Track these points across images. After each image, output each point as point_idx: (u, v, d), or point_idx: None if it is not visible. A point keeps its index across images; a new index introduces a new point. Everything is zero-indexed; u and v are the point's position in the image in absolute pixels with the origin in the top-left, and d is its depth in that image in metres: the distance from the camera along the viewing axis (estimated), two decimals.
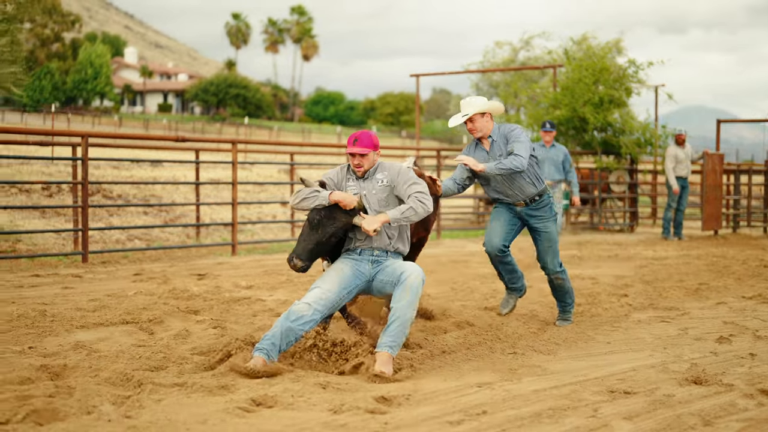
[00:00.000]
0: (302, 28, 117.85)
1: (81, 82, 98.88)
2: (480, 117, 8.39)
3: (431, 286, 11.39)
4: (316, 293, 6.84)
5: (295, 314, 6.66)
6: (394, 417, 5.32)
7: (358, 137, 7.13)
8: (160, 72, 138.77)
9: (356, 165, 7.16)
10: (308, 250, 6.93)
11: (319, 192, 6.96)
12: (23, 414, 5.11)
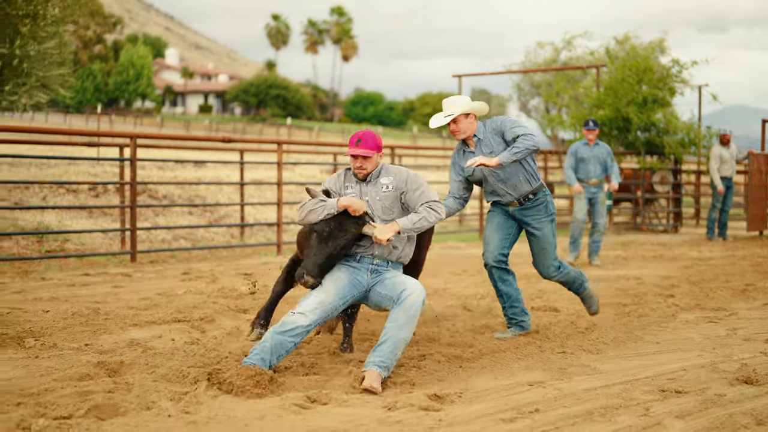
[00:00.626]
0: (341, 28, 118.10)
1: (123, 84, 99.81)
2: (464, 118, 7.93)
3: (478, 286, 11.43)
4: (312, 302, 6.44)
5: (288, 325, 6.28)
6: (447, 414, 5.39)
7: (361, 137, 6.76)
8: (201, 73, 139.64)
9: (358, 167, 6.77)
10: (319, 265, 6.49)
11: (325, 201, 6.57)
12: (85, 409, 5.24)
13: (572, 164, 14.41)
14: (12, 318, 8.47)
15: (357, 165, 6.76)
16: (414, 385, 6.16)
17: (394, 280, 6.66)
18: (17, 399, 5.57)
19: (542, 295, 10.79)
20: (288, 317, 6.34)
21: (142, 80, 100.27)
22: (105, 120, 68.07)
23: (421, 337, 8.00)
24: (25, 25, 17.22)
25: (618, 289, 11.40)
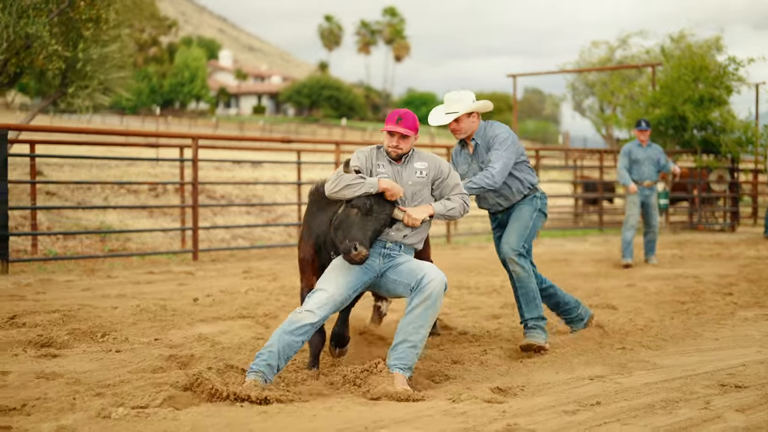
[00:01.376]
0: (394, 29, 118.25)
1: (177, 85, 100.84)
2: (466, 117, 7.47)
3: None
4: (320, 298, 6.11)
5: (295, 323, 6.01)
6: (510, 406, 5.52)
7: (402, 116, 6.37)
8: (254, 74, 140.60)
9: (394, 147, 6.41)
10: (369, 237, 6.09)
11: (364, 179, 6.19)
12: (161, 399, 5.45)
13: (626, 165, 14.27)
14: (83, 314, 8.75)
15: (393, 144, 6.41)
16: (476, 380, 6.29)
17: (409, 265, 6.31)
18: (96, 390, 5.80)
19: (599, 293, 10.87)
20: (295, 315, 6.06)
21: (196, 82, 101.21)
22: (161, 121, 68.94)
23: (483, 332, 8.13)
24: (88, 29, 17.58)
25: (676, 287, 11.43)
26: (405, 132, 6.32)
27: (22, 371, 6.29)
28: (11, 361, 6.61)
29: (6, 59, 16.97)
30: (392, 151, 6.42)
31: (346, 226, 6.09)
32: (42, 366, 6.48)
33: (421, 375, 6.32)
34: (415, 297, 6.12)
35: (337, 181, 6.19)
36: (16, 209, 13.52)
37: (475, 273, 12.87)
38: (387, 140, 6.43)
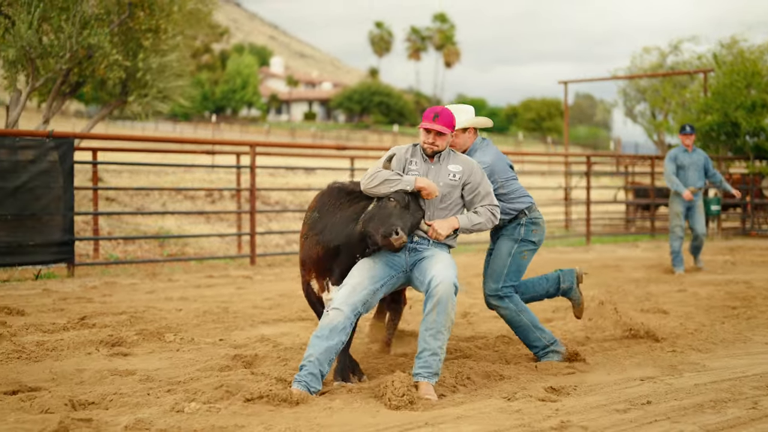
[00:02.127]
0: (444, 35, 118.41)
1: (229, 92, 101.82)
2: (461, 132, 7.17)
3: (588, 289, 11.67)
4: (344, 293, 6.17)
5: (327, 327, 6.03)
6: (564, 405, 5.74)
7: (439, 113, 6.38)
8: (305, 81, 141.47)
9: (430, 144, 6.41)
10: (407, 226, 6.09)
11: (401, 177, 6.24)
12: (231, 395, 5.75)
13: (674, 170, 14.02)
14: (149, 315, 9.10)
15: (429, 141, 6.42)
16: (530, 380, 6.51)
17: (427, 262, 6.30)
18: (167, 386, 6.11)
19: (650, 298, 11.00)
20: (325, 318, 6.10)
21: (248, 89, 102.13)
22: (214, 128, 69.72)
23: None
24: (148, 39, 18.03)
25: (727, 292, 11.52)
26: (441, 129, 6.34)
27: (97, 369, 6.62)
28: (86, 360, 6.95)
29: (69, 69, 17.46)
30: (428, 147, 6.44)
31: (383, 216, 6.08)
32: (115, 364, 6.81)
33: (477, 375, 6.54)
34: (427, 302, 6.13)
35: (374, 176, 6.26)
36: (80, 215, 13.95)
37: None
38: (423, 136, 6.46)
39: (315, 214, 6.62)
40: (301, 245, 6.69)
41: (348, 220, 6.41)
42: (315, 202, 6.74)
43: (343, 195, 6.60)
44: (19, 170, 11.98)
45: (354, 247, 6.38)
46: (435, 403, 5.78)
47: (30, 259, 12.11)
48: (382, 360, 7.23)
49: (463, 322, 9.14)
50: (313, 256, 6.53)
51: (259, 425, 5.11)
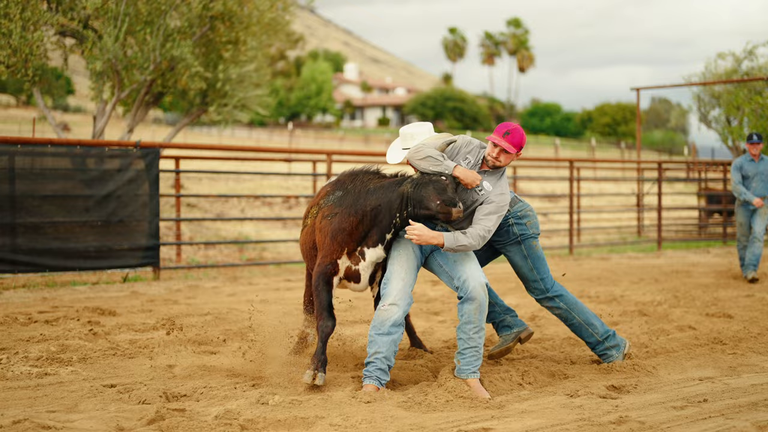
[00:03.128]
0: (518, 40, 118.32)
1: (304, 99, 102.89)
2: None
3: (654, 294, 11.92)
4: (398, 287, 6.49)
5: (387, 322, 6.40)
6: (624, 401, 6.08)
7: (511, 131, 6.59)
8: (379, 87, 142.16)
9: (494, 157, 6.62)
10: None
11: (443, 159, 6.47)
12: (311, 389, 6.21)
13: (740, 179, 13.87)
14: (232, 316, 9.63)
15: (494, 155, 6.61)
16: (592, 379, 6.85)
17: (455, 257, 6.56)
18: (251, 381, 6.59)
19: (717, 303, 11.19)
20: (382, 313, 6.42)
21: (322, 95, 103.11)
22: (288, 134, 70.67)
23: None
24: (228, 51, 18.68)
25: None
26: (508, 147, 6.55)
27: (186, 365, 7.12)
28: (175, 356, 7.45)
29: (152, 80, 18.16)
30: (491, 160, 6.64)
31: (440, 189, 6.32)
32: (203, 360, 7.30)
33: (542, 374, 6.90)
34: (466, 304, 6.40)
35: (422, 150, 6.49)
36: (164, 221, 14.58)
37: (596, 283, 13.32)
38: (490, 148, 6.67)
39: (337, 193, 6.79)
40: (322, 227, 6.75)
41: (385, 187, 6.60)
42: (331, 187, 6.95)
43: (366, 174, 6.83)
44: (107, 179, 12.61)
45: (394, 210, 6.52)
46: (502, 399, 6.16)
47: (118, 263, 12.74)
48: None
49: (531, 324, 9.47)
50: (347, 227, 6.62)
51: (338, 416, 5.54)
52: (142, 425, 5.32)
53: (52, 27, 17.99)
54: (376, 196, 6.58)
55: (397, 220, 6.54)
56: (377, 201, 6.56)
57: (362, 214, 6.59)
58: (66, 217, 12.39)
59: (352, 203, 6.64)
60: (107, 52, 17.45)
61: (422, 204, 6.37)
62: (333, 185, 6.98)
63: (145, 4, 17.61)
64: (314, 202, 7.08)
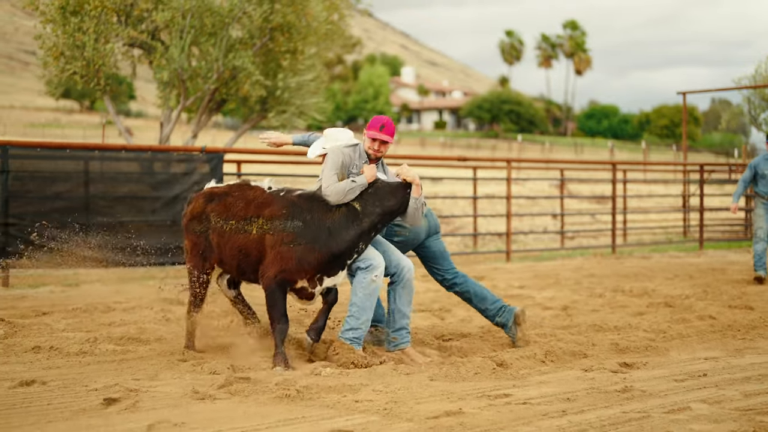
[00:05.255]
0: (575, 42, 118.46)
1: (361, 102, 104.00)
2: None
3: (685, 288, 12.66)
4: (382, 262, 7.62)
5: (377, 293, 7.59)
6: (632, 375, 6.93)
7: (385, 124, 7.64)
8: (436, 90, 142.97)
9: (375, 150, 7.67)
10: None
11: (355, 181, 7.41)
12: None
13: (747, 178, 14.05)
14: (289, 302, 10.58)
15: (375, 148, 7.68)
16: (608, 358, 7.70)
17: (383, 246, 7.89)
18: (306, 357, 7.56)
19: (742, 297, 11.86)
20: (372, 284, 7.50)
21: (379, 99, 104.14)
22: None
23: (625, 324, 9.43)
24: (286, 60, 19.74)
25: None
26: (386, 139, 7.65)
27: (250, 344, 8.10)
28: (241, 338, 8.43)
29: (215, 88, 19.27)
30: (373, 153, 7.70)
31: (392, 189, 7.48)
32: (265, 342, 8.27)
33: (564, 353, 7.76)
34: (399, 283, 7.90)
35: (338, 192, 7.34)
36: None
37: (632, 279, 14.07)
38: (369, 143, 7.70)
39: (296, 222, 7.36)
40: (282, 251, 7.33)
41: (343, 226, 7.39)
42: (285, 209, 7.44)
43: (312, 201, 7.49)
44: (174, 182, 13.62)
45: (352, 251, 7.43)
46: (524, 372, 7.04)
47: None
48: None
49: (563, 314, 10.32)
50: (313, 261, 7.32)
51: (380, 384, 6.47)
52: (214, 389, 6.27)
53: (122, 39, 19.18)
54: (340, 239, 7.35)
55: (361, 248, 7.48)
56: (343, 245, 7.37)
57: (328, 254, 7.35)
58: (135, 217, 13.39)
59: (315, 239, 7.34)
60: (173, 62, 18.60)
61: (394, 207, 7.47)
62: (283, 207, 7.47)
63: (210, 16, 18.72)
64: (251, 212, 7.55)
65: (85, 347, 7.85)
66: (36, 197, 12.49)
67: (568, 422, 5.50)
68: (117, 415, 5.62)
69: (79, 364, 7.25)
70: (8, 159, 12.29)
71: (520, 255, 18.43)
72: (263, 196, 7.62)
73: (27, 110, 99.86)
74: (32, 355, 7.61)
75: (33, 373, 6.81)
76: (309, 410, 5.76)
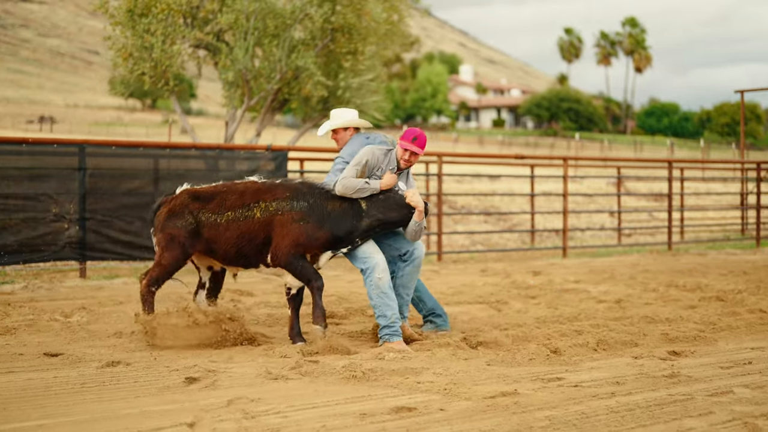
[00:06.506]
0: (634, 39, 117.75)
1: (419, 101, 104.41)
2: (342, 130, 8.84)
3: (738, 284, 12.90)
4: (381, 260, 8.03)
5: (387, 285, 7.91)
6: (680, 362, 7.29)
7: (417, 136, 7.98)
8: (494, 88, 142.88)
9: (407, 160, 8.07)
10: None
11: (369, 183, 7.87)
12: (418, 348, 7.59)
13: None
14: (353, 297, 11.11)
15: (406, 158, 8.08)
16: (658, 347, 8.06)
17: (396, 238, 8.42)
18: (371, 343, 8.05)
19: None
20: (381, 281, 7.93)
21: (438, 97, 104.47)
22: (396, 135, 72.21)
23: (676, 317, 9.74)
24: (347, 61, 20.24)
25: None
26: (417, 150, 8.02)
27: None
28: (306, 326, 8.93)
29: (278, 88, 19.82)
30: (404, 163, 8.11)
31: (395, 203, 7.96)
32: (331, 329, 8.75)
33: (616, 342, 8.12)
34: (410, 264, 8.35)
35: (348, 185, 7.84)
36: None
37: (687, 275, 14.33)
38: (401, 153, 8.12)
39: (302, 203, 7.99)
40: (292, 228, 7.95)
41: (345, 217, 7.99)
42: (288, 192, 8.05)
43: (313, 188, 8.11)
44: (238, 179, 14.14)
45: (349, 241, 8.05)
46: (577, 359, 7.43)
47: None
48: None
49: (616, 306, 10.66)
50: (320, 237, 7.98)
51: (440, 368, 6.91)
52: (286, 370, 6.76)
53: (188, 41, 19.82)
54: (340, 227, 7.98)
55: (357, 243, 8.08)
56: (342, 233, 7.99)
57: (332, 235, 7.99)
58: None
59: (320, 220, 7.98)
60: (238, 63, 19.19)
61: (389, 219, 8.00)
62: (287, 190, 8.08)
63: (272, 18, 19.28)
64: (248, 199, 8.09)
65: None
66: (110, 194, 13.08)
67: (616, 402, 5.88)
68: (198, 392, 6.12)
69: (159, 348, 7.77)
70: (85, 157, 12.92)
71: (576, 251, 18.74)
72: (257, 185, 8.22)
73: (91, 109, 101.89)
74: (115, 340, 8.18)
75: (117, 355, 7.36)
76: (374, 390, 6.21)
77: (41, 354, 7.45)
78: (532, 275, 14.19)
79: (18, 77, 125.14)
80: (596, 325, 9.07)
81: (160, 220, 8.28)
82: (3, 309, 9.69)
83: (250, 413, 5.49)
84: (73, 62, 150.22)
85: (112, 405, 5.77)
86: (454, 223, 22.94)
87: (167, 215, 8.23)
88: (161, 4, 18.82)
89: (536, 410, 5.66)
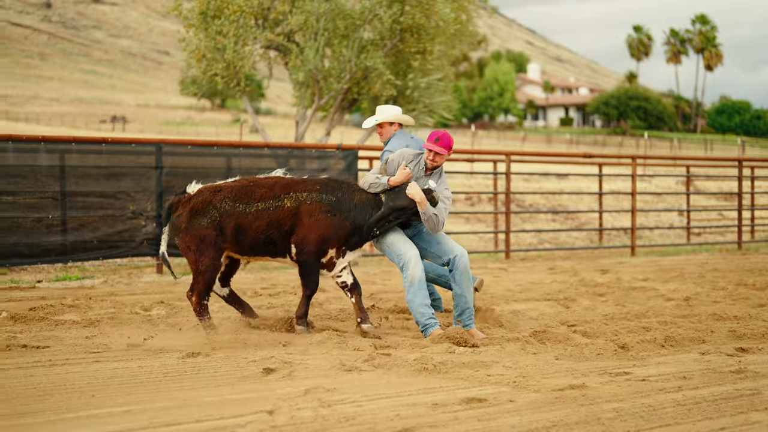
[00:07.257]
0: (705, 37, 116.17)
1: (487, 99, 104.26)
2: (388, 125, 9.25)
3: None
4: (413, 256, 8.38)
5: (417, 282, 8.26)
6: (746, 359, 7.39)
7: (440, 137, 8.34)
8: (562, 86, 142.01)
9: (431, 159, 8.39)
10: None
11: (380, 179, 8.42)
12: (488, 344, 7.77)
13: None
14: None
15: (431, 158, 8.41)
16: (725, 343, 8.15)
17: (430, 236, 8.70)
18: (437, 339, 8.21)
19: None
20: (412, 277, 8.28)
21: (505, 96, 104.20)
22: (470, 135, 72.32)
23: (744, 315, 9.79)
24: (416, 60, 20.44)
25: None
26: (439, 150, 8.33)
27: (388, 325, 8.89)
28: (377, 321, 9.14)
29: (348, 88, 20.10)
30: (429, 163, 8.44)
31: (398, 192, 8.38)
32: (402, 323, 8.96)
33: (683, 339, 8.23)
34: (456, 271, 8.47)
35: (365, 181, 8.48)
36: None
37: (757, 273, 14.28)
38: (426, 153, 8.46)
39: (329, 196, 8.42)
40: (319, 219, 8.35)
41: (366, 207, 8.45)
42: (318, 186, 8.47)
43: (340, 183, 8.60)
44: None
45: (371, 231, 8.45)
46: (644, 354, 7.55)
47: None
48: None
49: (684, 304, 10.72)
50: (347, 227, 8.42)
51: (509, 361, 7.09)
52: (360, 362, 6.99)
53: (259, 42, 20.18)
54: (363, 217, 8.45)
55: (375, 233, 8.49)
56: (364, 222, 8.45)
57: (355, 226, 8.45)
58: None
59: (348, 211, 8.44)
60: (308, 63, 19.50)
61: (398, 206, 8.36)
62: (316, 183, 8.50)
63: (342, 19, 19.56)
64: (278, 191, 8.37)
65: (239, 326, 8.65)
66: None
67: (683, 396, 6.01)
68: (276, 381, 6.37)
69: (236, 341, 8.04)
70: (162, 156, 13.29)
71: (645, 250, 18.72)
72: (286, 180, 8.55)
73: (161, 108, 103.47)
74: (194, 332, 8.49)
75: (197, 347, 7.65)
76: (445, 382, 6.41)
77: (125, 345, 7.78)
78: (600, 273, 14.26)
79: (91, 78, 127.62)
80: (664, 322, 9.17)
81: (184, 220, 8.31)
82: (86, 302, 10.10)
83: (326, 402, 5.72)
84: (144, 63, 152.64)
85: (194, 393, 6.04)
86: (522, 221, 23.05)
87: (191, 215, 8.29)
88: (233, 5, 19.20)
89: (604, 402, 5.81)
